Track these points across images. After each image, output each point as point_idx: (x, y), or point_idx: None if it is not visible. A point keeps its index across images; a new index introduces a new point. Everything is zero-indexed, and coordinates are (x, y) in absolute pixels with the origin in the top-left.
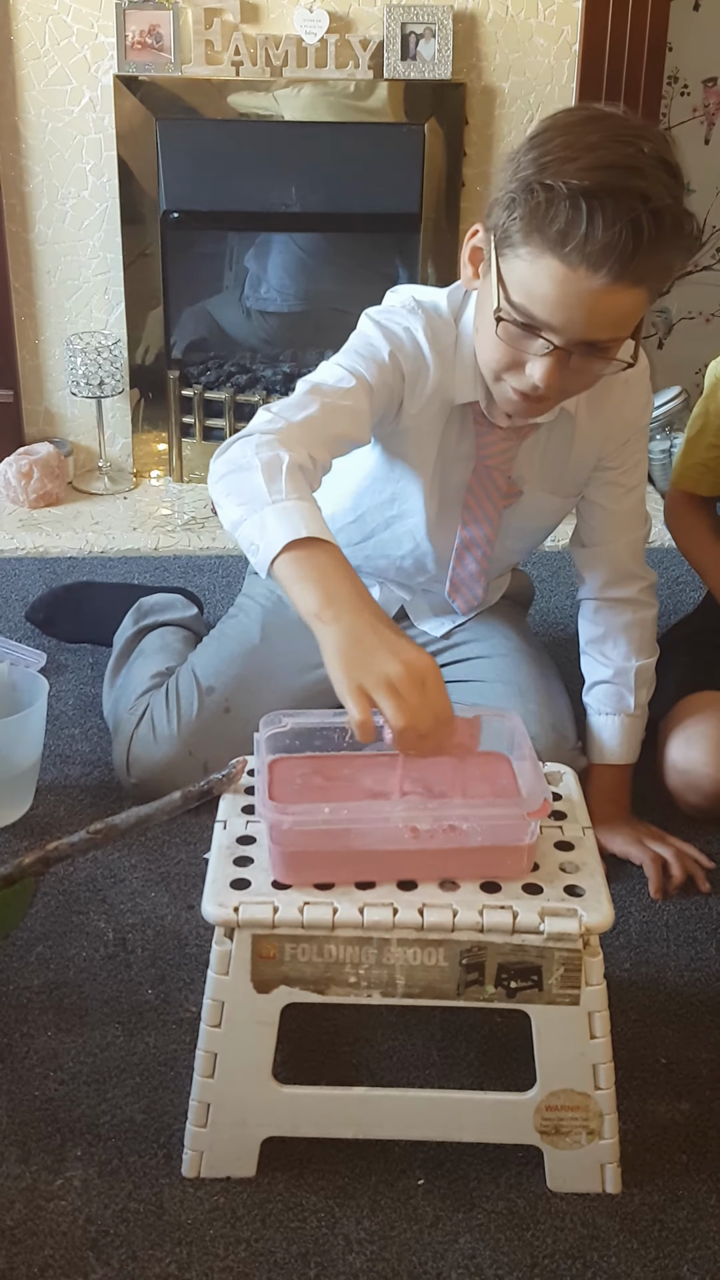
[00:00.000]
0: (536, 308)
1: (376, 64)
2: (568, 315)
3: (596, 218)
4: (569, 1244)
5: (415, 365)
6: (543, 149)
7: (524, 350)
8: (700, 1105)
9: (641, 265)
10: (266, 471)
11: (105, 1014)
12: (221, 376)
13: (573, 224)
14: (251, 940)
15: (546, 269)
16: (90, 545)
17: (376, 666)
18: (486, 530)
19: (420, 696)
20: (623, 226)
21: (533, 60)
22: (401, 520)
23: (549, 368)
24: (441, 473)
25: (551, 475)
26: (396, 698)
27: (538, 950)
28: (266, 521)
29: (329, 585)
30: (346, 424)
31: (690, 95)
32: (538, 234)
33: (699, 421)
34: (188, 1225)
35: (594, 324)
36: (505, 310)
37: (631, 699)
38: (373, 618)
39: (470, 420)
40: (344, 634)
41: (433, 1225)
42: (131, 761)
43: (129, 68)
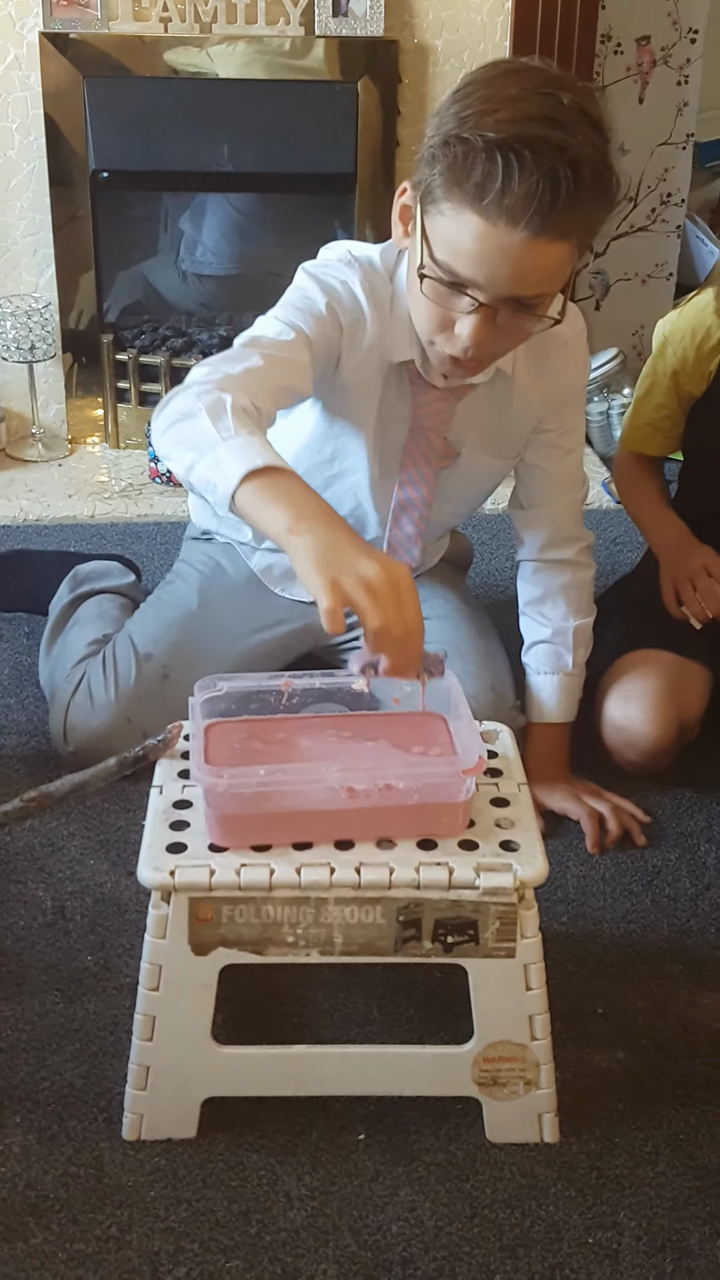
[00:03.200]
0: (460, 264)
1: (308, 20)
2: (491, 271)
3: (513, 170)
4: (508, 1193)
5: (353, 317)
6: (464, 103)
7: (451, 309)
8: (636, 1054)
9: (562, 218)
10: (211, 413)
11: (44, 981)
12: (156, 340)
13: (489, 177)
14: (188, 903)
15: (467, 224)
16: (25, 513)
17: (353, 566)
18: (423, 491)
19: (395, 600)
20: (540, 178)
21: (465, 18)
22: (342, 479)
23: (476, 325)
24: (381, 432)
25: (490, 437)
26: (373, 595)
27: (473, 905)
28: (220, 458)
29: (297, 503)
30: (288, 375)
31: (624, 54)
32: (457, 188)
33: (647, 382)
34: (128, 1188)
35: (518, 279)
36: (430, 267)
37: (570, 658)
38: (347, 531)
39: (406, 380)
40: (318, 540)
41: (373, 1179)
42: (69, 730)
43: (55, 24)
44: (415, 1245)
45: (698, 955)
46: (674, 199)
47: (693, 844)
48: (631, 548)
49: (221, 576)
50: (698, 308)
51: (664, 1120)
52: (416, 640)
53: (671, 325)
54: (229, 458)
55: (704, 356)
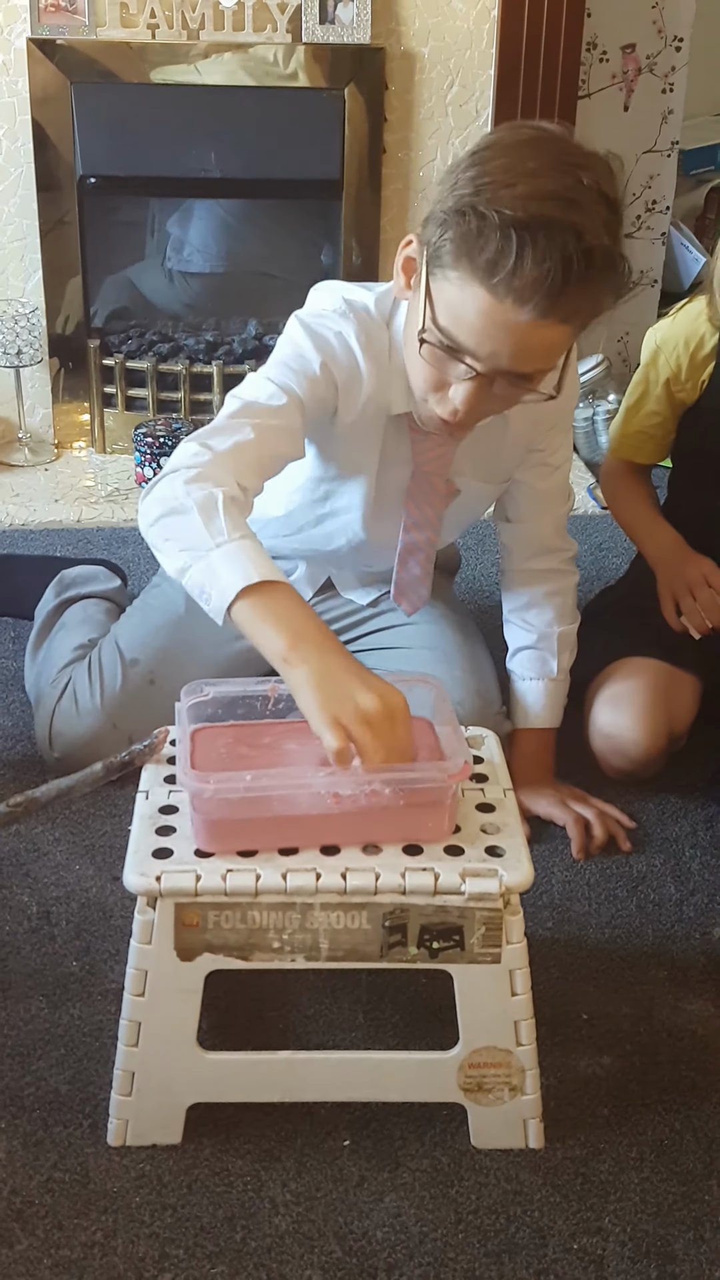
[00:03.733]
0: (461, 334)
1: (295, 28)
2: (492, 346)
3: (526, 251)
4: (493, 1199)
5: (349, 374)
6: (482, 168)
7: (447, 374)
8: (621, 1059)
9: (569, 302)
10: (203, 512)
11: (29, 987)
12: (143, 345)
13: (503, 255)
14: (174, 908)
15: (473, 297)
16: (11, 517)
17: (352, 700)
18: (429, 534)
19: (391, 731)
20: (552, 264)
21: (452, 25)
22: (334, 517)
23: (470, 392)
24: (382, 474)
25: (485, 467)
26: (373, 732)
27: (459, 910)
28: (215, 567)
29: (294, 626)
30: (280, 443)
31: (609, 62)
32: (467, 260)
33: (639, 389)
34: (113, 1194)
35: (518, 357)
36: (431, 332)
37: (554, 663)
38: (342, 656)
39: (405, 428)
40: (316, 672)
41: (358, 1185)
42: (54, 736)
43: (43, 30)
44: (400, 1251)
45: (682, 960)
46: (659, 206)
47: (677, 849)
48: (617, 553)
49: None
50: (690, 316)
51: (649, 1126)
52: (404, 761)
53: (664, 333)
54: (224, 568)
55: (697, 365)
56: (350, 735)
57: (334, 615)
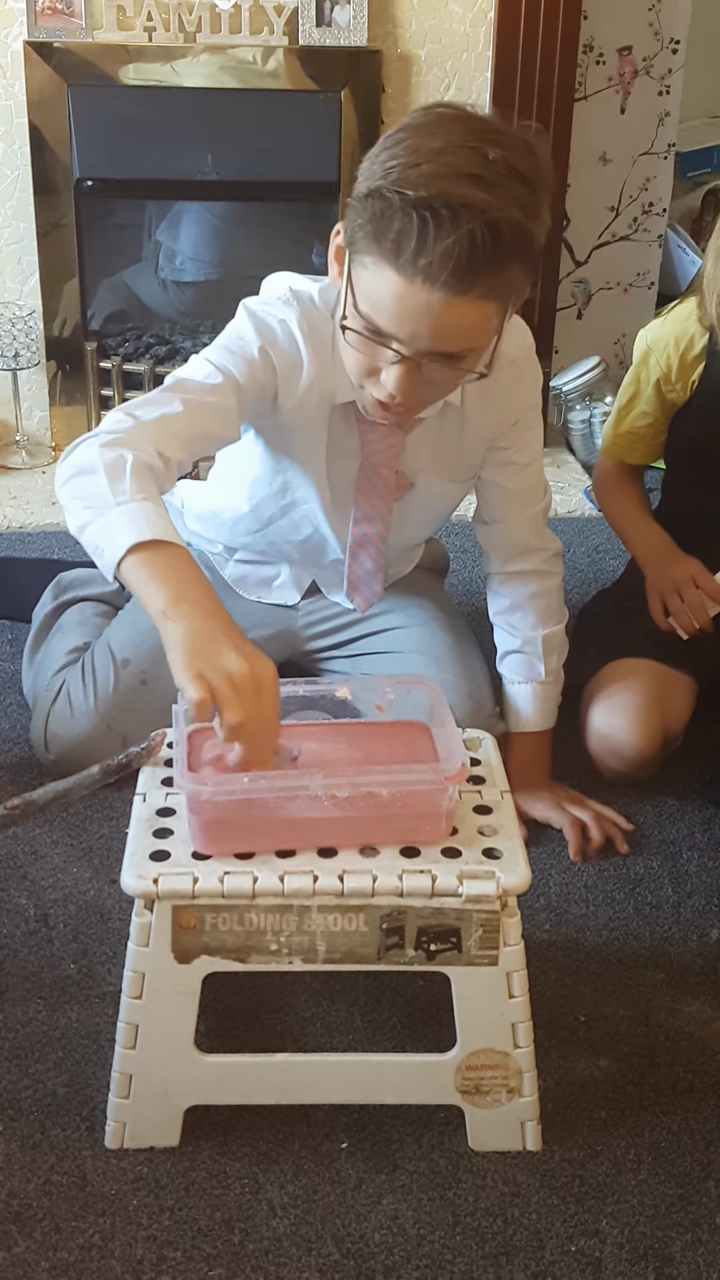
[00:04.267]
0: (381, 319)
1: (291, 30)
2: (411, 328)
3: (428, 230)
4: (490, 1202)
5: (289, 359)
6: (391, 151)
7: (375, 359)
8: (619, 1062)
9: (480, 279)
10: (110, 472)
11: (27, 989)
12: (140, 348)
13: (405, 235)
14: (171, 911)
15: (386, 280)
16: (8, 520)
17: (220, 661)
18: (379, 527)
19: (255, 699)
20: (456, 239)
21: (448, 28)
22: (297, 507)
23: (400, 376)
24: (331, 465)
25: (444, 463)
26: (234, 691)
27: (456, 912)
28: (112, 524)
29: (178, 584)
30: (210, 421)
31: (605, 64)
32: (377, 244)
33: (630, 390)
34: (111, 1196)
35: (439, 337)
36: (353, 318)
37: (541, 666)
38: (222, 621)
39: (352, 418)
40: (191, 630)
41: (356, 1187)
42: (50, 738)
43: (39, 33)
44: (398, 1253)
45: (680, 962)
46: (655, 208)
47: (674, 851)
48: (613, 555)
49: None
50: (680, 317)
51: (646, 1128)
52: (271, 737)
53: (654, 334)
54: (120, 525)
55: (687, 365)
56: (212, 689)
57: (322, 618)
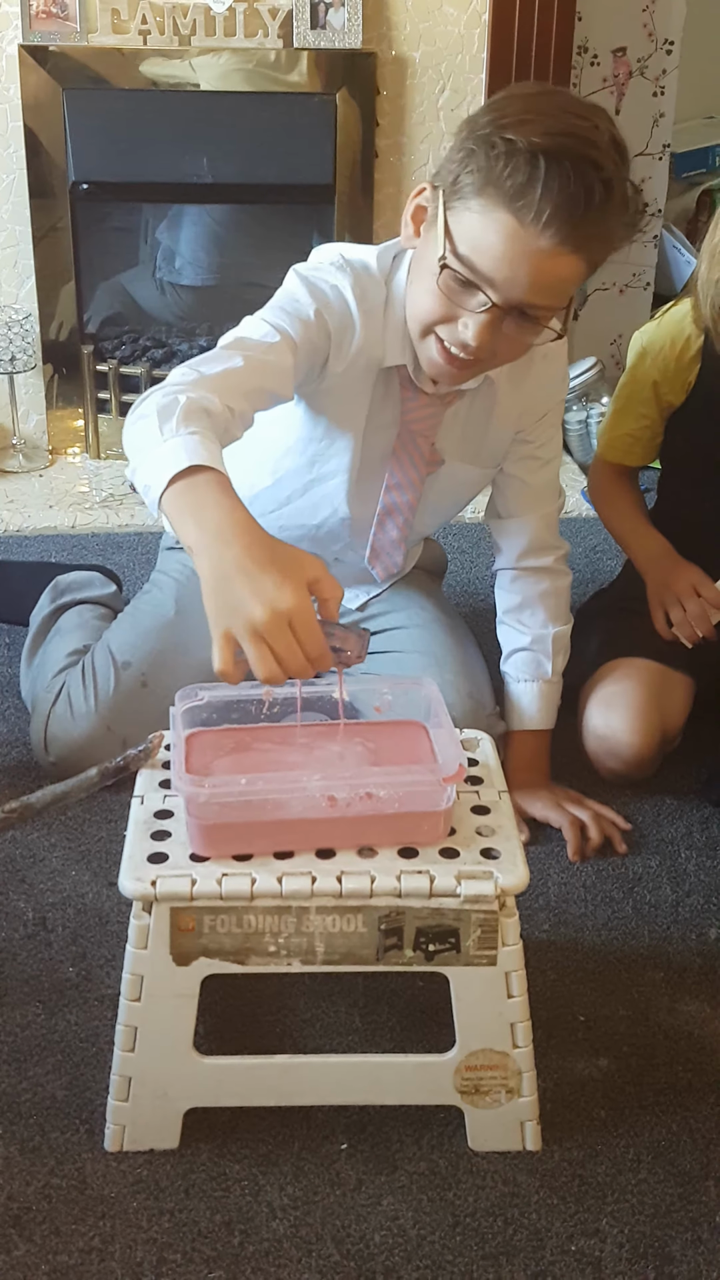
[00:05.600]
0: (482, 261)
1: (286, 33)
2: (511, 272)
3: (554, 177)
4: (490, 1202)
5: (341, 323)
6: (499, 111)
7: (461, 305)
8: (618, 1061)
9: (587, 231)
10: (161, 415)
11: (25, 993)
12: (137, 351)
13: (531, 180)
14: (170, 913)
15: (497, 222)
16: (5, 524)
17: (242, 611)
18: (410, 497)
19: (286, 641)
20: (576, 189)
21: (443, 30)
22: (320, 484)
23: (483, 325)
24: (368, 436)
25: (471, 447)
26: (261, 646)
27: (455, 913)
28: (156, 461)
29: (202, 516)
30: (268, 378)
31: (600, 65)
32: (493, 187)
33: (626, 392)
34: (111, 1199)
35: (534, 285)
36: (450, 259)
37: (549, 665)
38: (240, 550)
39: (396, 384)
40: (212, 573)
41: (355, 1188)
42: (50, 740)
43: (34, 37)
44: (398, 1254)
45: (678, 962)
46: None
47: (673, 851)
48: (610, 555)
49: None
50: (675, 318)
51: (646, 1127)
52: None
53: (650, 335)
54: (161, 461)
55: (683, 366)
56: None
57: None
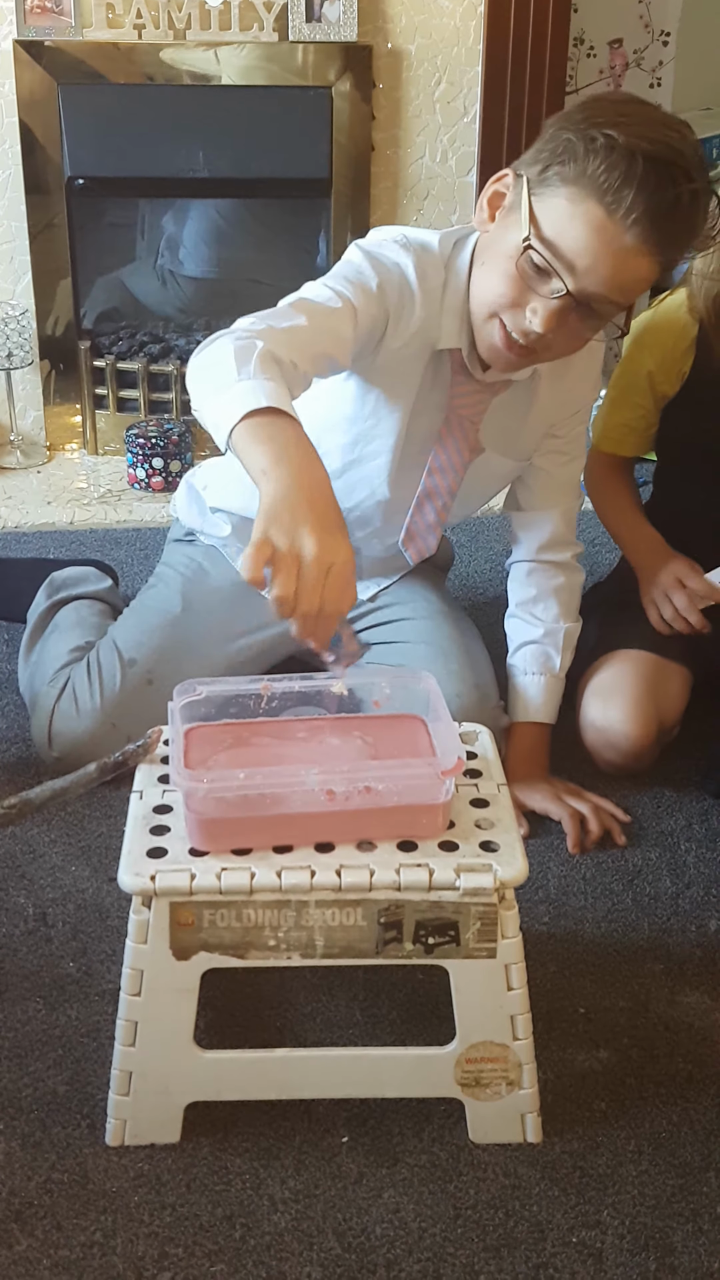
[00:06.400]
0: (566, 247)
1: (281, 26)
2: (592, 263)
3: (650, 178)
4: (491, 1194)
5: (402, 299)
6: (592, 111)
7: (535, 289)
8: (618, 1053)
9: (669, 236)
10: (239, 356)
11: (26, 989)
12: (134, 346)
13: (628, 178)
14: (169, 908)
15: (587, 213)
16: (4, 520)
17: (293, 533)
18: (451, 481)
19: (317, 578)
20: (668, 193)
21: (439, 22)
22: (361, 465)
23: (552, 312)
24: (414, 418)
25: (507, 439)
26: (291, 569)
27: (454, 906)
28: (231, 396)
29: (282, 448)
30: (329, 343)
31: (596, 57)
32: (587, 179)
33: (621, 382)
34: (112, 1193)
35: (610, 280)
36: (535, 241)
37: (557, 660)
38: (315, 489)
39: (447, 368)
40: (280, 494)
41: (357, 1181)
42: (54, 736)
43: (29, 32)
44: (399, 1247)
45: (678, 954)
46: None
47: (673, 843)
48: (610, 549)
49: (204, 579)
50: (670, 308)
51: (646, 1119)
52: (328, 621)
53: (644, 326)
54: (239, 397)
55: (678, 356)
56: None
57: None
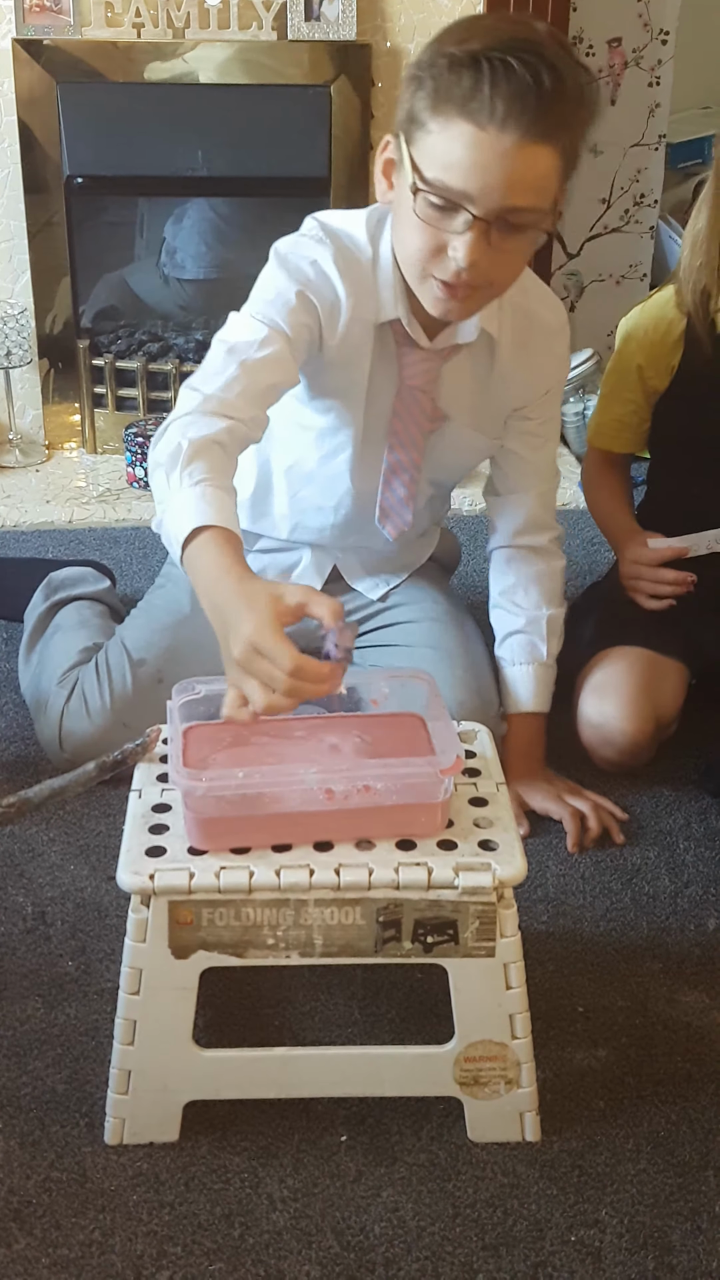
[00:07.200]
0: (453, 177)
1: (280, 25)
2: (483, 179)
3: (499, 74)
4: (490, 1193)
5: (326, 297)
6: (438, 39)
7: (446, 229)
8: (617, 1052)
9: (545, 118)
10: (168, 464)
11: (25, 987)
12: (133, 345)
13: (477, 83)
14: (168, 907)
15: (458, 134)
16: (2, 520)
17: (234, 657)
18: (413, 454)
19: (260, 667)
20: (522, 77)
21: (437, 20)
22: (329, 461)
23: (471, 243)
24: (371, 399)
25: (474, 410)
26: (251, 684)
27: (453, 905)
28: (169, 521)
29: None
30: (272, 373)
31: (595, 56)
32: (445, 102)
33: (613, 378)
34: (111, 1192)
35: (511, 187)
36: (421, 185)
37: (544, 648)
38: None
39: (392, 341)
40: (217, 629)
41: (355, 1180)
42: (64, 736)
43: (28, 31)
44: (398, 1245)
45: (677, 952)
46: (647, 200)
47: (671, 842)
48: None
49: None
50: (659, 302)
51: (645, 1118)
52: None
53: (634, 321)
54: (170, 523)
55: (667, 350)
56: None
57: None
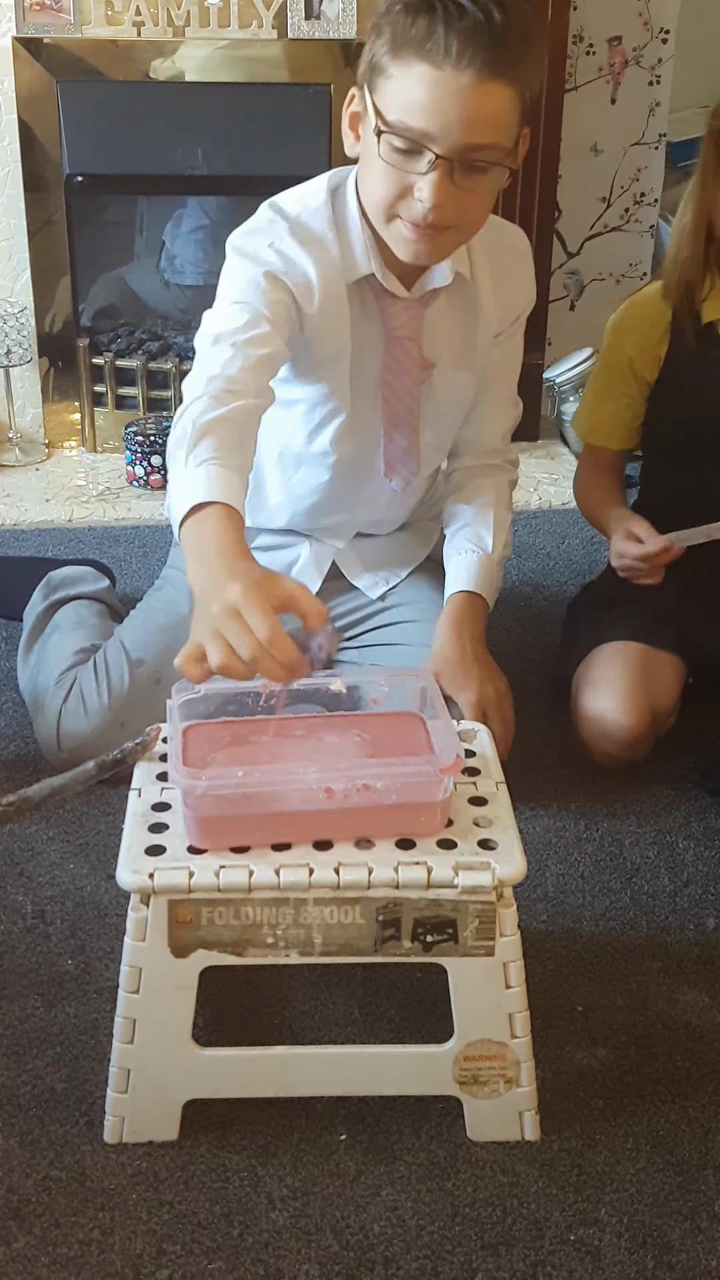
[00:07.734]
0: (413, 118)
1: (280, 23)
2: (443, 119)
3: (451, 12)
4: (489, 1192)
5: (292, 270)
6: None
7: (410, 171)
8: (616, 1051)
9: (500, 54)
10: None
11: (24, 986)
12: (133, 344)
13: (432, 24)
14: (167, 905)
15: (416, 76)
16: (2, 518)
17: (210, 614)
18: (409, 404)
19: (235, 627)
20: (474, 15)
21: None
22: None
23: (435, 183)
24: (359, 359)
25: (459, 351)
26: (217, 640)
27: (452, 904)
28: (174, 499)
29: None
30: (263, 346)
31: (595, 55)
32: (403, 46)
33: (604, 374)
34: (110, 1191)
35: (471, 124)
36: (383, 127)
37: (489, 539)
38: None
39: (370, 296)
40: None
41: (355, 1179)
42: (62, 736)
43: (28, 29)
44: (397, 1245)
45: (676, 951)
46: (647, 199)
47: (670, 841)
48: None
49: None
50: (646, 296)
51: (644, 1117)
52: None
53: (622, 315)
54: (178, 498)
55: (654, 341)
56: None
57: (343, 610)
